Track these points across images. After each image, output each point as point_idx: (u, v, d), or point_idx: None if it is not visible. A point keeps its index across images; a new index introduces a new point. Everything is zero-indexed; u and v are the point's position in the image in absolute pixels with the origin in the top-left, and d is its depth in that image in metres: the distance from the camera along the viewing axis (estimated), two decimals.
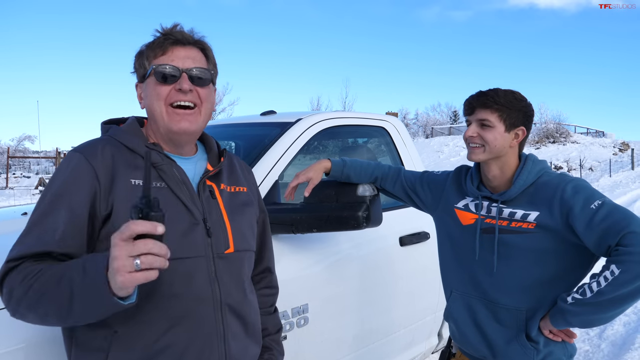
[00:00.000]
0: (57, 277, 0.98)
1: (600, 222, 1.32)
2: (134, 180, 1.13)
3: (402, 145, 2.85)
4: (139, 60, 1.23)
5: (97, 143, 1.17)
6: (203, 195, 1.21)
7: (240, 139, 2.81)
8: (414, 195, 1.81)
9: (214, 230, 1.20)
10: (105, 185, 1.10)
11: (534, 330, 1.45)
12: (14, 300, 1.01)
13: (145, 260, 0.86)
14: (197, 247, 1.16)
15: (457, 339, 1.68)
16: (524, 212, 1.46)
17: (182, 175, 1.19)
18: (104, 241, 1.08)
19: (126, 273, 0.86)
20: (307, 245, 2.06)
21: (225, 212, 1.25)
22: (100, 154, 1.13)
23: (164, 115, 1.17)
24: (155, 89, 1.17)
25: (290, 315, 1.94)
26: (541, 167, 1.52)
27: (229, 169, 1.35)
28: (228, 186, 1.31)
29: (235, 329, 1.22)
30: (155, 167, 1.16)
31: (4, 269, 1.04)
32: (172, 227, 1.11)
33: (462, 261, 1.61)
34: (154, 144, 1.19)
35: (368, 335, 2.37)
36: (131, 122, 1.26)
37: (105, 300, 0.91)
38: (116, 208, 1.09)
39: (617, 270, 1.26)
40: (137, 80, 1.25)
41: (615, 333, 3.89)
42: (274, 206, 1.93)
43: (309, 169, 1.80)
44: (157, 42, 1.20)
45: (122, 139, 1.19)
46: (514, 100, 1.48)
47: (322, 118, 2.43)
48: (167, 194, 1.15)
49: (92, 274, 0.92)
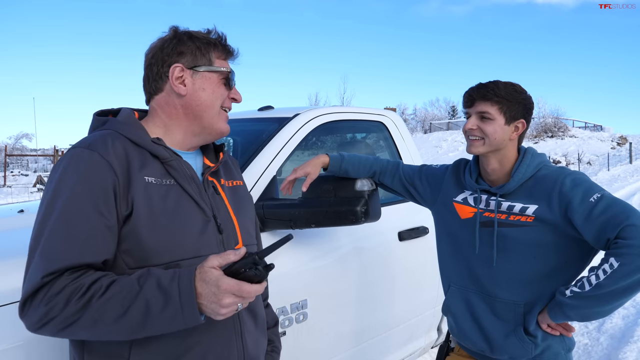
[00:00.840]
0: (123, 301, 0.93)
1: (599, 215, 1.31)
2: (147, 178, 1.07)
3: (401, 140, 2.84)
4: (200, 46, 1.17)
5: (105, 137, 1.08)
6: (208, 192, 1.19)
7: (238, 135, 2.79)
8: (413, 190, 1.81)
9: (224, 226, 1.18)
10: (124, 182, 1.03)
11: (532, 324, 1.45)
12: (57, 322, 0.93)
13: (246, 303, 0.98)
14: (211, 245, 1.13)
15: (455, 333, 1.67)
16: (523, 206, 1.45)
17: (190, 171, 1.16)
18: (122, 242, 1.03)
19: (229, 312, 0.96)
20: (305, 240, 2.05)
21: (230, 208, 1.23)
22: (112, 149, 1.05)
23: (216, 113, 1.19)
24: (219, 89, 1.20)
25: (289, 311, 1.93)
26: (540, 160, 1.51)
27: (224, 164, 1.34)
28: (227, 181, 1.30)
29: (249, 324, 1.22)
30: (164, 163, 1.12)
31: (37, 285, 0.93)
32: (188, 225, 1.10)
33: (461, 255, 1.60)
34: (158, 139, 1.14)
35: (367, 330, 2.37)
36: (129, 114, 1.18)
37: (191, 321, 0.96)
38: (136, 207, 1.03)
39: (616, 263, 1.26)
40: (183, 63, 1.16)
41: (614, 326, 3.90)
42: (272, 202, 1.92)
43: (307, 163, 1.78)
44: (223, 45, 1.21)
45: (127, 133, 1.11)
46: (514, 93, 1.47)
47: (320, 113, 2.42)
48: (178, 191, 1.11)
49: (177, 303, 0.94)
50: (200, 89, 1.17)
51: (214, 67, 1.18)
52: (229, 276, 0.94)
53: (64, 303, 0.93)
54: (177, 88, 1.16)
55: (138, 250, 1.03)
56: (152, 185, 1.07)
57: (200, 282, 0.94)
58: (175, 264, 1.05)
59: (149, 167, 1.09)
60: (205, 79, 1.18)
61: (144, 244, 1.03)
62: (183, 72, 1.16)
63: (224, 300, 0.93)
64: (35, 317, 0.94)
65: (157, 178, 1.09)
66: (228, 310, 0.94)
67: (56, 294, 0.93)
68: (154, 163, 1.11)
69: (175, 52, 1.17)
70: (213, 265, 0.94)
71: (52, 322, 0.94)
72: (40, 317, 0.94)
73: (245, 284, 0.93)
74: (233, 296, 0.93)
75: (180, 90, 1.16)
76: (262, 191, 1.97)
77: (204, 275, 0.94)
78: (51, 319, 0.93)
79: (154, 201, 1.06)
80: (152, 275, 0.97)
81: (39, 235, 0.98)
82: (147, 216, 1.04)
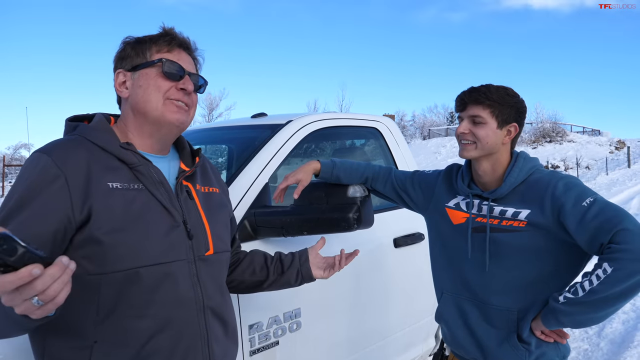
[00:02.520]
0: None
1: (592, 220, 1.29)
2: (111, 184, 1.07)
3: (395, 146, 2.82)
4: (136, 48, 1.18)
5: (67, 144, 1.08)
6: (181, 196, 1.18)
7: (231, 142, 2.78)
8: (405, 195, 1.79)
9: (195, 232, 1.17)
10: (79, 190, 1.02)
11: (526, 331, 1.42)
12: None
13: (45, 298, 0.79)
14: (178, 251, 1.12)
15: (448, 341, 1.65)
16: (515, 210, 1.43)
17: (159, 176, 1.15)
18: (80, 249, 1.02)
19: (33, 312, 0.80)
20: (297, 248, 2.03)
21: (203, 213, 1.22)
22: (72, 157, 1.05)
23: (159, 105, 1.16)
24: (156, 81, 1.16)
25: (282, 319, 1.91)
26: (532, 164, 1.50)
27: (201, 170, 1.33)
28: (202, 187, 1.28)
29: (217, 332, 1.20)
30: (132, 168, 1.11)
31: None
32: (153, 230, 1.09)
33: (453, 261, 1.58)
34: (127, 143, 1.14)
35: (363, 338, 2.34)
36: (100, 119, 1.18)
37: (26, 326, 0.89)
38: (95, 214, 1.02)
39: (609, 268, 1.24)
40: (123, 67, 1.19)
41: (614, 331, 3.87)
42: (264, 209, 1.90)
43: (298, 170, 1.77)
44: (163, 38, 1.19)
45: (94, 139, 1.11)
46: (506, 96, 1.46)
47: (314, 119, 2.41)
48: (146, 196, 1.11)
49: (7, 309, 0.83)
50: (137, 86, 1.17)
51: (148, 62, 1.17)
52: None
53: None
54: (121, 92, 1.19)
55: (97, 256, 1.02)
56: (116, 190, 1.06)
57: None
58: (136, 270, 1.04)
59: (116, 173, 1.09)
60: (142, 76, 1.17)
61: (103, 249, 1.02)
62: (125, 76, 1.19)
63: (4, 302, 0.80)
64: None
65: (123, 183, 1.09)
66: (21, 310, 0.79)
67: None
68: (122, 168, 1.11)
69: (119, 59, 1.20)
70: None
71: None
72: None
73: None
74: (6, 297, 0.78)
75: (123, 94, 1.19)
76: (254, 199, 1.96)
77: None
78: None
79: (117, 206, 1.05)
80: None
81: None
82: (107, 222, 1.03)
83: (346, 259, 1.58)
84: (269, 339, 1.86)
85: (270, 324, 1.87)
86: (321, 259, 1.57)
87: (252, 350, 1.81)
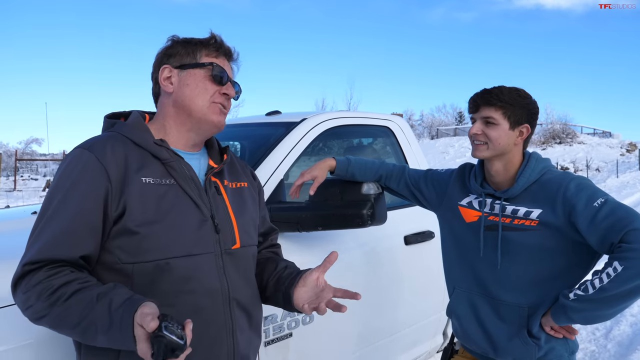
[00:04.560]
0: (79, 313, 0.99)
1: (603, 220, 1.32)
2: (144, 179, 1.13)
3: (407, 145, 2.86)
4: (187, 47, 1.25)
5: (106, 140, 1.15)
6: (210, 192, 1.23)
7: (246, 139, 2.83)
8: (418, 193, 1.83)
9: (222, 226, 1.22)
10: (117, 184, 1.09)
11: (536, 326, 1.46)
12: (32, 311, 1.03)
13: None
14: (206, 244, 1.18)
15: (459, 335, 1.69)
16: (527, 210, 1.47)
17: (190, 172, 1.21)
18: (115, 239, 1.09)
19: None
20: (312, 243, 2.07)
21: (230, 208, 1.27)
22: (111, 152, 1.12)
23: (205, 107, 1.23)
24: (204, 84, 1.23)
25: (296, 312, 1.95)
26: (544, 165, 1.53)
27: (229, 166, 1.38)
28: (230, 182, 1.33)
29: (241, 323, 1.25)
30: (165, 163, 1.17)
31: (20, 272, 1.04)
32: (183, 223, 1.14)
33: (466, 258, 1.62)
34: (161, 140, 1.20)
35: (373, 333, 2.38)
36: (136, 116, 1.25)
37: (129, 346, 0.95)
38: (129, 208, 1.09)
39: (619, 267, 1.27)
40: (170, 64, 1.24)
41: (622, 333, 3.87)
42: (280, 205, 1.95)
43: (314, 167, 1.81)
44: (213, 43, 1.26)
45: (130, 135, 1.18)
46: (518, 98, 1.49)
47: (327, 118, 2.45)
48: (177, 190, 1.17)
49: (118, 329, 0.95)
50: (184, 84, 1.23)
51: (198, 63, 1.24)
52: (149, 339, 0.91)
53: (36, 297, 1.02)
54: (165, 87, 1.24)
55: (130, 246, 1.09)
56: (149, 185, 1.13)
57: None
58: (166, 261, 1.10)
59: (149, 168, 1.15)
60: (189, 75, 1.23)
61: (136, 240, 1.08)
62: (171, 72, 1.24)
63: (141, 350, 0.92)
64: (19, 301, 1.05)
65: (156, 178, 1.15)
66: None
67: (33, 285, 1.02)
68: (155, 164, 1.17)
69: (166, 55, 1.26)
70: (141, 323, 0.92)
71: (30, 310, 1.03)
72: (22, 302, 1.04)
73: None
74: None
75: (167, 88, 1.24)
76: (269, 195, 2.00)
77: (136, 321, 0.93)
78: (29, 307, 1.03)
79: (149, 200, 1.11)
80: (109, 295, 1.00)
81: (34, 228, 1.09)
82: (140, 215, 1.09)
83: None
84: (282, 331, 1.91)
85: (284, 316, 1.91)
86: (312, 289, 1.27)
87: (267, 341, 1.86)
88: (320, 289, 1.26)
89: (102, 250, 1.10)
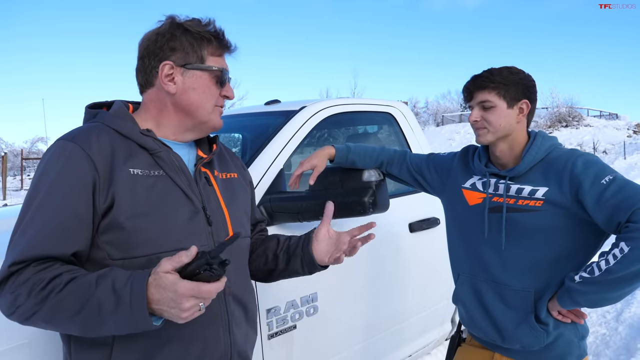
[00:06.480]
0: (79, 299, 0.93)
1: (611, 198, 1.28)
2: (132, 170, 1.08)
3: (410, 130, 2.81)
4: (192, 42, 1.15)
5: (89, 130, 1.08)
6: (200, 183, 1.19)
7: (245, 129, 2.79)
8: (421, 178, 1.79)
9: (214, 218, 1.18)
10: (104, 176, 1.03)
11: (543, 311, 1.42)
12: (22, 311, 0.96)
13: (207, 303, 0.94)
14: (199, 236, 1.13)
15: (466, 322, 1.65)
16: (532, 188, 1.42)
17: (179, 163, 1.16)
18: (103, 234, 1.04)
19: (192, 315, 0.93)
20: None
21: (222, 199, 1.23)
22: (96, 142, 1.06)
23: (209, 112, 1.19)
24: (210, 87, 1.18)
25: (300, 304, 1.93)
26: (551, 143, 1.49)
27: (219, 156, 1.34)
28: (220, 173, 1.29)
29: (237, 317, 1.22)
30: (152, 154, 1.12)
31: (7, 273, 0.97)
32: (174, 216, 1.10)
33: (470, 243, 1.58)
34: (147, 130, 1.14)
35: (379, 323, 2.36)
36: (120, 106, 1.18)
37: (142, 326, 0.93)
38: (118, 200, 1.03)
39: (626, 247, 1.22)
40: (173, 60, 1.14)
41: (633, 316, 3.82)
42: (279, 195, 1.91)
43: (313, 156, 1.77)
44: (217, 41, 1.18)
45: (115, 125, 1.12)
46: (510, 75, 1.46)
47: (327, 105, 2.41)
48: (166, 182, 1.12)
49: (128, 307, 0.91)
50: (190, 88, 1.16)
51: (206, 66, 1.16)
52: (185, 278, 0.91)
53: (26, 294, 0.95)
54: (167, 86, 1.15)
55: (120, 241, 1.04)
56: (137, 176, 1.07)
57: (156, 287, 0.91)
58: (157, 256, 1.04)
59: (136, 159, 1.09)
60: (195, 78, 1.16)
61: (125, 234, 1.04)
62: (173, 69, 1.14)
63: (184, 305, 0.90)
64: (5, 304, 0.98)
65: (144, 169, 1.09)
66: (189, 314, 0.92)
67: (21, 284, 0.96)
68: (142, 154, 1.11)
69: (168, 48, 1.14)
70: (166, 269, 0.91)
71: (19, 311, 0.97)
72: (9, 304, 0.97)
73: (204, 284, 0.90)
74: (193, 298, 0.90)
75: (169, 88, 1.15)
76: (269, 185, 1.97)
77: (160, 281, 0.91)
78: (17, 307, 0.96)
79: (138, 192, 1.06)
80: (109, 275, 0.96)
81: (16, 227, 1.03)
82: (130, 208, 1.04)
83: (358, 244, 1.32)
84: (286, 323, 1.89)
85: (287, 308, 1.89)
86: (327, 242, 1.32)
87: (270, 334, 1.83)
88: (335, 239, 1.31)
89: (91, 246, 1.05)
